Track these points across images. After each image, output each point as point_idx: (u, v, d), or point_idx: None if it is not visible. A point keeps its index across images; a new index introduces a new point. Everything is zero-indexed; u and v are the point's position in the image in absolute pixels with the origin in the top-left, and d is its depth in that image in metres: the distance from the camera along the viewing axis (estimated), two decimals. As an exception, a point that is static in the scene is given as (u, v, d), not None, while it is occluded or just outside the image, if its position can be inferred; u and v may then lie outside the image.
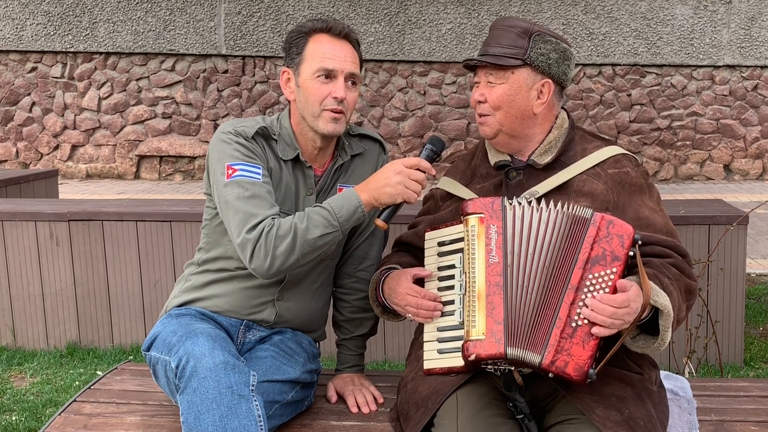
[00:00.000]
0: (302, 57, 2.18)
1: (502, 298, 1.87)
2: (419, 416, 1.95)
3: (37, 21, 10.05)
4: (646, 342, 1.93)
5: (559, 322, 1.83)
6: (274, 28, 9.94)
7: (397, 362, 4.07)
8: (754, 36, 9.71)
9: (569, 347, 1.82)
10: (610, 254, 1.85)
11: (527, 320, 1.87)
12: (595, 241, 1.86)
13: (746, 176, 9.98)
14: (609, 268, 1.84)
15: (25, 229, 4.25)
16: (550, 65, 2.07)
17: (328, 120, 2.17)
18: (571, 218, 1.91)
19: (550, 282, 1.89)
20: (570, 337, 1.82)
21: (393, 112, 10.03)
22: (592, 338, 1.82)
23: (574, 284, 1.85)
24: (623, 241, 1.85)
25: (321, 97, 2.15)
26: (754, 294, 5.11)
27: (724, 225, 3.77)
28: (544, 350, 1.83)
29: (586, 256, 1.86)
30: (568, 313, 1.83)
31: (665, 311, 1.86)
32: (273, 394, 2.11)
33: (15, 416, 3.50)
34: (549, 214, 1.93)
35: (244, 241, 2.05)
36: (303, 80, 2.18)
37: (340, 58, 2.17)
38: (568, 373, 1.81)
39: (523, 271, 1.90)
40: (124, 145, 10.25)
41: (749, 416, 2.24)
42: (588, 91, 9.90)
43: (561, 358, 1.82)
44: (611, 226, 1.87)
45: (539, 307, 1.88)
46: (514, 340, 1.85)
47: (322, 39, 2.18)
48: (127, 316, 4.27)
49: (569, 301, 1.84)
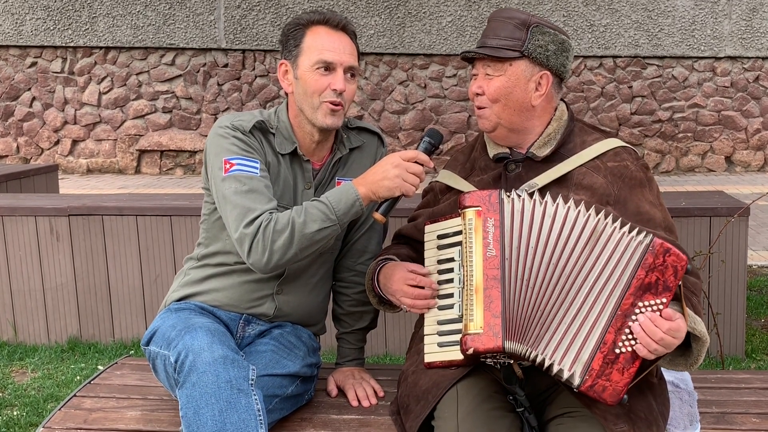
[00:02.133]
0: (300, 49, 2.17)
1: (500, 291, 1.86)
2: (420, 409, 1.95)
3: (37, 16, 10.03)
4: (673, 359, 1.94)
5: (604, 347, 1.80)
6: (273, 22, 9.91)
7: (398, 356, 4.07)
8: (755, 27, 9.68)
9: (609, 372, 1.80)
10: (662, 284, 1.80)
11: (529, 315, 1.85)
12: (651, 269, 1.81)
13: (748, 168, 9.96)
14: (659, 297, 1.80)
15: (26, 224, 4.25)
16: (549, 57, 2.06)
17: (327, 112, 2.16)
18: (626, 238, 1.83)
19: (569, 284, 1.85)
20: (612, 363, 1.80)
21: (393, 106, 10.02)
22: (632, 366, 1.80)
23: (623, 310, 1.81)
24: (677, 272, 1.81)
25: (320, 88, 2.14)
26: (755, 286, 5.10)
27: (726, 217, 3.76)
28: (585, 374, 1.79)
29: (640, 283, 1.81)
30: (614, 338, 1.80)
31: (702, 338, 1.87)
32: (273, 388, 2.11)
33: (16, 411, 3.50)
34: (567, 212, 1.88)
35: (241, 235, 2.05)
36: (301, 72, 2.17)
37: (339, 51, 2.16)
38: (604, 398, 1.80)
39: (522, 264, 1.87)
40: (124, 139, 10.24)
41: (750, 408, 2.24)
42: (589, 83, 9.87)
43: (600, 383, 1.79)
44: (668, 255, 1.81)
45: (548, 304, 1.85)
46: (513, 333, 1.84)
47: (320, 31, 2.17)
48: (128, 311, 4.27)
49: (617, 326, 1.81)
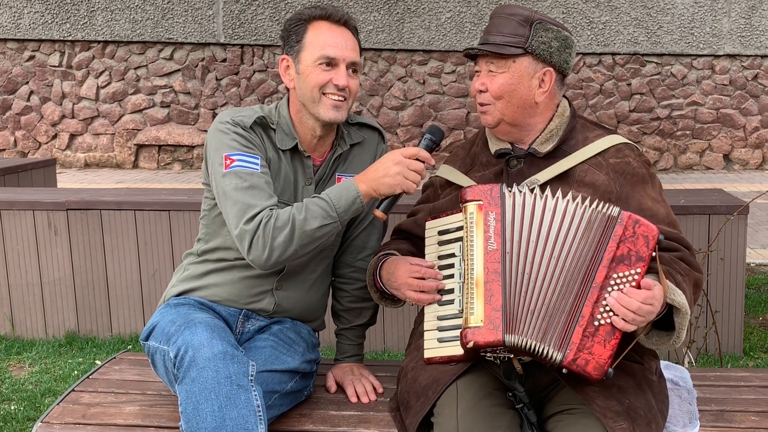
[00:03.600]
0: (302, 44, 2.17)
1: (501, 285, 1.86)
2: (419, 406, 1.95)
3: (35, 9, 10.00)
4: (659, 338, 1.93)
5: (582, 320, 1.82)
6: (272, 17, 9.90)
7: (396, 352, 4.07)
8: (754, 25, 9.68)
9: (591, 345, 1.81)
10: (635, 254, 1.84)
11: (530, 308, 1.86)
12: (622, 240, 1.84)
13: (746, 166, 9.97)
14: (633, 268, 1.83)
15: (24, 218, 4.24)
16: (552, 53, 2.05)
17: (329, 107, 2.15)
18: (598, 214, 1.88)
19: (568, 275, 1.86)
20: (592, 335, 1.82)
21: (392, 102, 10.01)
22: (613, 337, 1.82)
23: (598, 283, 1.83)
24: (648, 241, 1.84)
25: (321, 82, 2.14)
26: (753, 284, 5.11)
27: (725, 215, 3.77)
28: (566, 348, 1.82)
29: (612, 255, 1.84)
30: (591, 311, 1.82)
31: (682, 309, 1.87)
32: (272, 384, 2.10)
33: (14, 405, 3.50)
34: (566, 205, 1.90)
35: (242, 232, 2.04)
36: (304, 67, 2.16)
37: (342, 46, 2.15)
38: (588, 372, 1.81)
39: (524, 258, 1.88)
40: (122, 134, 10.22)
41: (749, 406, 2.24)
42: (588, 81, 9.87)
43: (582, 356, 1.81)
44: (637, 226, 1.85)
45: (550, 297, 1.86)
46: (514, 327, 1.84)
47: (322, 26, 2.17)
48: (126, 306, 4.26)
49: (593, 300, 1.83)
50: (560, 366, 1.83)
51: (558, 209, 1.90)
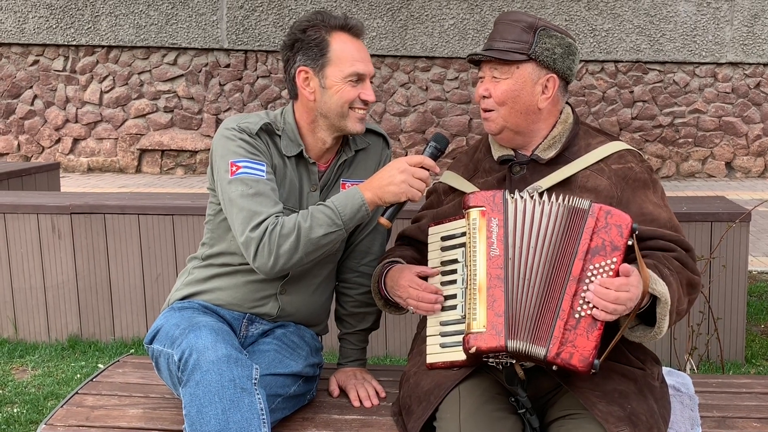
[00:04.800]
0: (327, 59, 2.15)
1: (503, 290, 1.87)
2: (421, 410, 1.96)
3: (40, 14, 10.04)
4: (644, 332, 1.93)
5: (563, 314, 1.83)
6: (276, 23, 9.92)
7: (399, 357, 4.07)
8: (757, 33, 9.69)
9: (573, 338, 1.82)
10: (609, 244, 1.86)
11: (529, 313, 1.87)
12: (594, 231, 1.87)
13: (748, 174, 9.97)
14: (609, 258, 1.85)
15: (27, 221, 4.25)
16: (555, 60, 2.06)
17: (356, 120, 2.19)
18: (570, 210, 1.91)
19: (552, 274, 1.89)
20: (574, 328, 1.83)
21: (395, 108, 10.02)
22: (595, 329, 1.82)
23: (575, 275, 1.85)
24: (622, 230, 1.86)
25: (352, 98, 2.16)
26: (755, 291, 5.11)
27: (727, 222, 3.77)
28: (548, 343, 1.83)
29: (586, 247, 1.86)
30: (571, 304, 1.84)
31: (662, 299, 1.86)
32: (275, 388, 2.11)
33: (17, 408, 3.51)
34: (550, 207, 1.93)
35: (247, 239, 2.06)
36: (332, 83, 2.15)
37: (367, 60, 2.19)
38: (573, 364, 1.82)
39: (524, 264, 1.90)
40: (125, 138, 10.24)
41: (751, 413, 2.25)
42: (590, 88, 9.89)
43: (566, 349, 1.82)
44: (609, 217, 1.87)
45: (542, 300, 1.88)
46: (515, 332, 1.85)
47: (344, 39, 2.17)
48: (129, 310, 4.27)
49: (571, 293, 1.84)
50: (546, 362, 1.84)
51: (551, 212, 1.92)
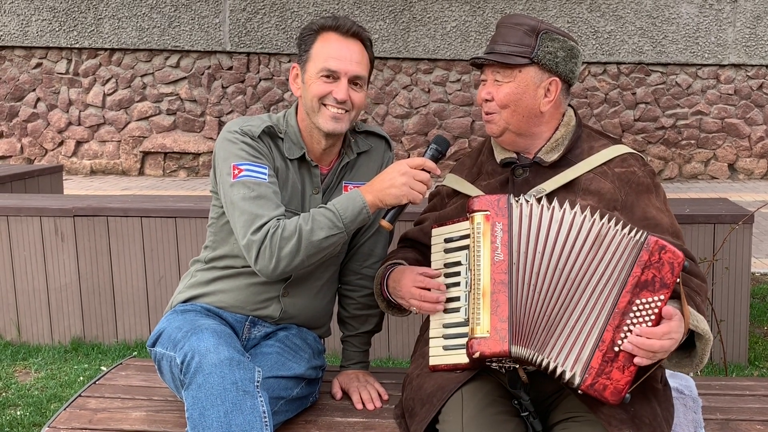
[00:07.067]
0: (309, 55, 2.19)
1: (507, 296, 1.86)
2: (424, 413, 1.95)
3: (42, 17, 10.06)
4: (680, 360, 1.94)
5: (603, 345, 1.80)
6: (278, 25, 9.93)
7: (401, 359, 4.07)
8: (759, 35, 9.68)
9: (609, 371, 1.80)
10: (659, 281, 1.81)
11: (535, 319, 1.86)
12: (647, 266, 1.81)
13: (751, 175, 9.96)
14: (657, 294, 1.81)
15: (30, 224, 4.26)
16: (558, 63, 2.06)
17: (328, 117, 2.16)
18: (625, 238, 1.84)
19: (574, 289, 1.85)
20: (611, 361, 1.80)
21: (397, 110, 10.03)
22: (632, 363, 1.80)
23: (621, 308, 1.81)
24: (674, 268, 1.81)
25: (321, 94, 2.15)
26: (758, 293, 5.10)
27: (730, 224, 3.77)
28: (584, 372, 1.79)
29: (636, 280, 1.81)
30: (612, 336, 1.80)
31: (705, 336, 1.87)
32: (278, 390, 2.11)
33: (20, 411, 3.51)
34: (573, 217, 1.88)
35: (249, 242, 2.06)
36: (308, 77, 2.18)
37: (346, 59, 2.15)
38: (606, 397, 1.80)
39: (530, 269, 1.88)
40: (128, 141, 10.26)
41: (755, 415, 2.24)
42: (593, 90, 9.88)
43: (600, 381, 1.80)
44: (663, 252, 1.82)
45: (554, 309, 1.86)
46: (520, 338, 1.85)
47: (330, 37, 2.18)
48: (132, 312, 4.27)
49: (615, 324, 1.81)
50: (576, 388, 1.82)
51: (565, 221, 1.89)
